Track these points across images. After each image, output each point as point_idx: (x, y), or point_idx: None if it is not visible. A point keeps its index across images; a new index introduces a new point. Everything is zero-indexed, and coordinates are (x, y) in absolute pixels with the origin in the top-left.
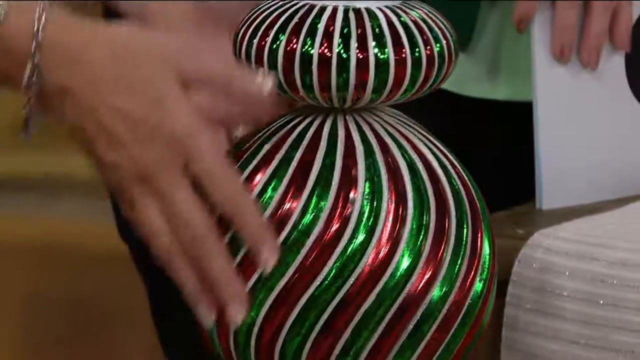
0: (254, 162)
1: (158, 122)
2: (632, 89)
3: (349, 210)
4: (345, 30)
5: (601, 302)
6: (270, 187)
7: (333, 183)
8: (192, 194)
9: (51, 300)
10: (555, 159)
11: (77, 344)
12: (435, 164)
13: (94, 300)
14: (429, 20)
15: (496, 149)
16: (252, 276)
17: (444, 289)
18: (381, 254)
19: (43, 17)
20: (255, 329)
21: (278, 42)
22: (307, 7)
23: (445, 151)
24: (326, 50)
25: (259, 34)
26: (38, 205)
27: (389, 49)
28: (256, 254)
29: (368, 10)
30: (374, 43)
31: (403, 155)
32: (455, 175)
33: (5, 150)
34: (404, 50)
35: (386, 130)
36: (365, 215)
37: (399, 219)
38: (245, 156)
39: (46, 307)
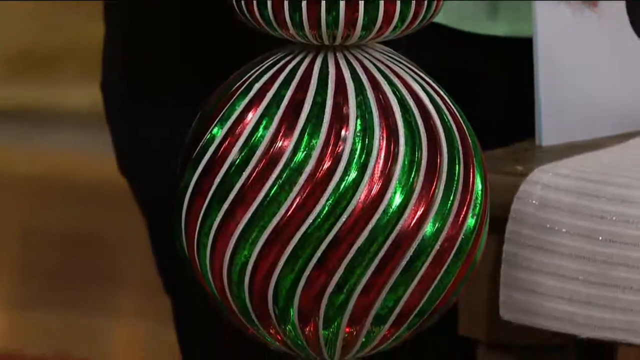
0: (245, 101)
1: None
2: (632, 24)
3: (341, 147)
4: None
5: (600, 238)
6: (262, 126)
7: (324, 121)
8: None
9: (49, 233)
10: (555, 95)
11: (75, 277)
12: (426, 100)
13: (92, 233)
14: None
15: (496, 85)
16: (244, 215)
17: (436, 225)
18: (373, 191)
19: None
20: (249, 268)
21: None
22: None
23: (437, 87)
24: None
25: None
26: (36, 137)
27: None
28: None
29: None
30: None
31: (394, 92)
32: (446, 112)
33: (2, 82)
34: None
35: (377, 67)
36: (357, 152)
37: (391, 156)
38: (236, 95)
39: (43, 240)
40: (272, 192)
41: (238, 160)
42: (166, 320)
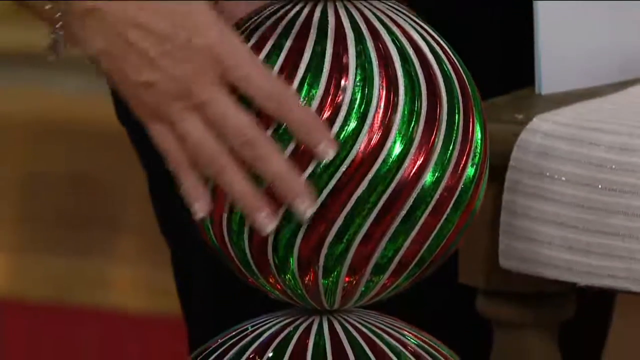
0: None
1: (189, 34)
2: None
3: (341, 97)
4: None
5: (600, 186)
6: None
7: (324, 70)
8: (234, 101)
9: (51, 176)
10: (554, 43)
11: (76, 221)
12: (426, 49)
13: (93, 178)
14: None
15: (495, 33)
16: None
17: (436, 175)
18: (373, 141)
19: None
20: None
21: None
22: None
23: (437, 36)
24: None
25: None
26: (38, 80)
27: None
28: (312, 145)
29: None
30: None
31: (394, 42)
32: (446, 61)
33: (4, 25)
34: None
35: (376, 16)
36: (357, 102)
37: (391, 106)
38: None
39: (44, 184)
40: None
41: None
42: (166, 265)
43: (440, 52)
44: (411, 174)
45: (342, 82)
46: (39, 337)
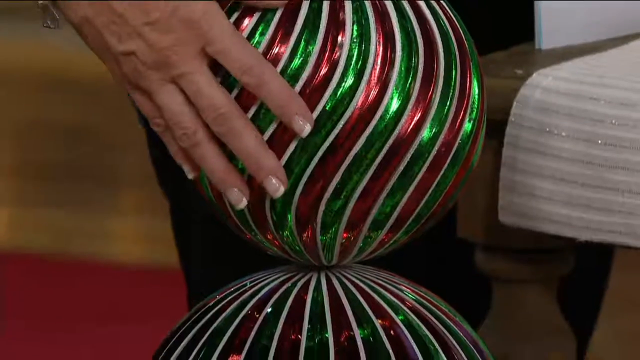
0: (241, 7)
1: (175, 6)
2: None
3: (337, 53)
4: None
5: (599, 141)
6: (258, 32)
7: (321, 26)
8: (212, 75)
9: (50, 127)
10: None
11: (75, 174)
12: (423, 5)
13: (94, 129)
14: None
15: None
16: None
17: (433, 130)
18: (370, 97)
19: None
20: (246, 174)
21: None
22: None
23: None
24: None
25: None
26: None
27: None
28: (288, 121)
29: None
30: None
31: None
32: (443, 17)
33: None
34: None
35: None
36: (354, 58)
37: (388, 62)
38: (231, 1)
39: (45, 137)
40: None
41: None
42: (165, 217)
43: (437, 8)
44: (408, 130)
45: (339, 38)
46: (39, 288)
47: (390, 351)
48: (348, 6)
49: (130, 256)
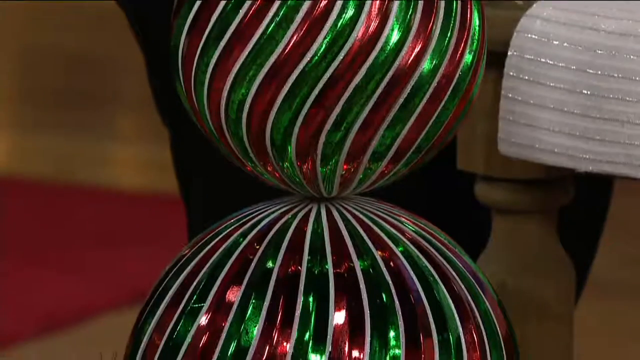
0: None
1: None
2: None
3: None
4: None
5: (599, 72)
6: None
7: None
8: None
9: (50, 52)
10: None
11: (76, 99)
12: None
13: (94, 55)
14: None
15: None
16: (241, 53)
17: (434, 62)
18: (371, 28)
19: None
20: (246, 105)
21: None
22: None
23: None
24: None
25: None
26: None
27: None
28: None
29: None
30: None
31: None
32: None
33: None
34: None
35: None
36: None
37: None
38: None
39: (46, 62)
40: (270, 30)
41: None
42: (166, 143)
43: None
44: (409, 61)
45: None
46: (39, 215)
47: (390, 282)
48: None
49: (131, 182)
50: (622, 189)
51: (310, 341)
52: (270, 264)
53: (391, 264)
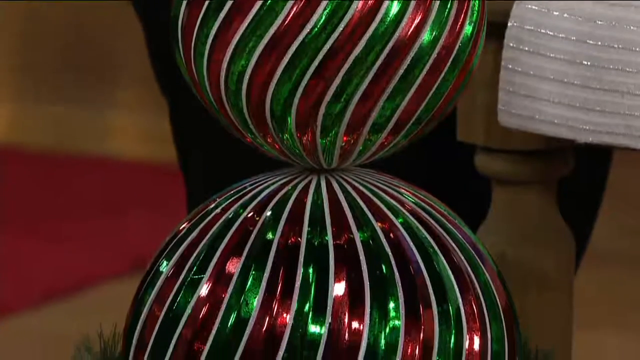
0: None
1: None
2: None
3: None
4: None
5: (599, 43)
6: None
7: None
8: None
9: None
10: None
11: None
12: None
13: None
14: None
15: None
16: (241, 24)
17: (433, 33)
18: (370, 0)
19: None
20: (246, 77)
21: None
22: None
23: None
24: None
25: None
26: None
27: None
28: None
29: None
30: None
31: None
32: None
33: None
34: None
35: None
36: None
37: None
38: None
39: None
40: (269, 1)
41: None
42: (167, 113)
43: None
44: (409, 32)
45: None
46: (40, 185)
47: (390, 254)
48: None
49: (131, 152)
50: (621, 159)
51: (310, 312)
52: (270, 235)
53: (391, 235)
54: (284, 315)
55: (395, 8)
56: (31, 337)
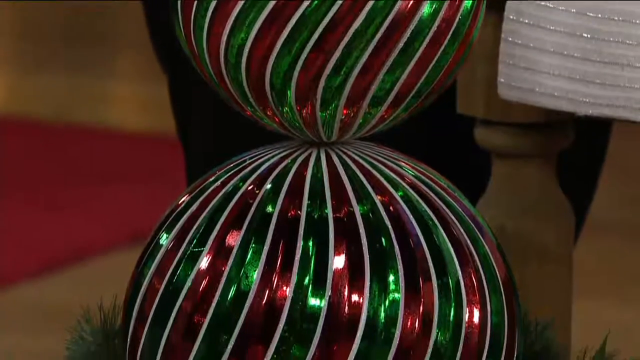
0: None
1: None
2: None
3: None
4: None
5: (600, 15)
6: None
7: None
8: None
9: None
10: None
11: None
12: None
13: None
14: None
15: None
16: None
17: (433, 6)
18: None
19: None
20: (246, 50)
21: None
22: None
23: None
24: None
25: None
26: None
27: None
28: None
29: None
30: None
31: None
32: None
33: None
34: None
35: None
36: None
37: None
38: None
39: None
40: None
41: None
42: (167, 83)
43: None
44: (409, 5)
45: None
46: (39, 154)
47: (390, 227)
48: None
49: (131, 121)
50: (620, 130)
51: (310, 285)
52: (270, 209)
53: (391, 208)
54: (284, 288)
55: None
56: (30, 308)
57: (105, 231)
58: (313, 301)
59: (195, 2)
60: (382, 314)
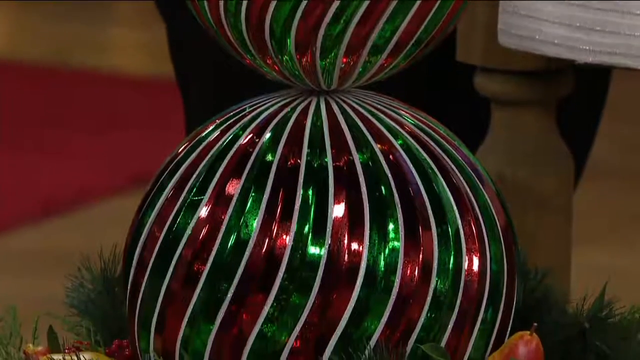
0: None
1: None
2: None
3: None
4: None
5: None
6: None
7: None
8: None
9: None
10: None
11: None
12: None
13: None
14: None
15: None
16: None
17: None
18: None
19: None
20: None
21: None
22: None
23: None
24: None
25: None
26: None
27: None
28: None
29: None
30: None
31: None
32: None
33: None
34: None
35: None
36: None
37: None
38: None
39: None
40: None
41: None
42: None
43: None
44: None
45: None
46: (38, 99)
47: (389, 175)
48: None
49: (131, 66)
50: (621, 75)
51: (310, 234)
52: (269, 157)
53: (390, 157)
54: (284, 236)
55: None
56: (31, 253)
57: (105, 175)
58: (313, 249)
59: None
60: (382, 262)
